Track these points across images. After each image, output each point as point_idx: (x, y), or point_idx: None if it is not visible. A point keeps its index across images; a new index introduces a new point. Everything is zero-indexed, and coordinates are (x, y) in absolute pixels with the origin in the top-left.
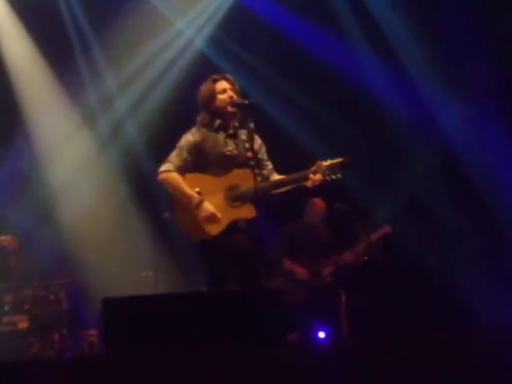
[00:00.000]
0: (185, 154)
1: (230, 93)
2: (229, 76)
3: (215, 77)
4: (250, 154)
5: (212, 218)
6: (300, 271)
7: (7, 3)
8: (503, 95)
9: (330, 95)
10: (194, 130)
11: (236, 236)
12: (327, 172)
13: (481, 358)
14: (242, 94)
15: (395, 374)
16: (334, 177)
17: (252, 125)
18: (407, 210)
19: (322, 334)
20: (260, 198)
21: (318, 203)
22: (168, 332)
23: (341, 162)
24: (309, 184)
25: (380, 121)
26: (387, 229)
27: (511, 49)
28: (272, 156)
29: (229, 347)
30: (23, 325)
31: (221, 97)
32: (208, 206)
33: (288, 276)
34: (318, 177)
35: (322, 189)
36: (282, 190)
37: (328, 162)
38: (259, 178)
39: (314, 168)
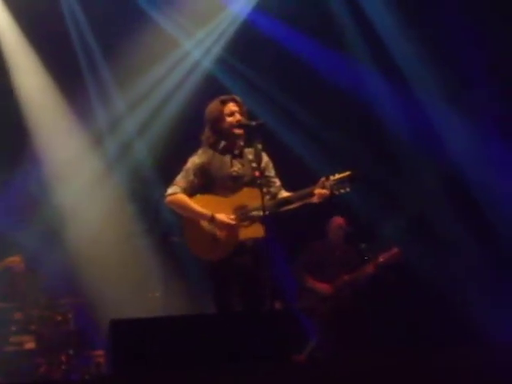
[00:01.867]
0: (191, 176)
1: (238, 116)
2: (237, 98)
3: (224, 98)
4: (257, 173)
5: (229, 227)
6: (323, 287)
7: (16, 25)
8: (508, 114)
9: (337, 115)
10: (200, 151)
11: (242, 258)
12: (335, 186)
13: (484, 371)
14: (250, 115)
15: None
16: (342, 191)
17: (260, 146)
18: (413, 229)
19: None
20: (268, 216)
21: (337, 221)
22: (175, 353)
23: (348, 176)
24: (315, 199)
25: (386, 139)
26: (395, 250)
27: None
28: (279, 175)
29: (234, 368)
30: (30, 345)
31: (228, 119)
32: (221, 217)
33: (311, 293)
34: (324, 191)
35: (329, 207)
36: (290, 207)
37: (336, 177)
38: (267, 196)
39: (318, 184)
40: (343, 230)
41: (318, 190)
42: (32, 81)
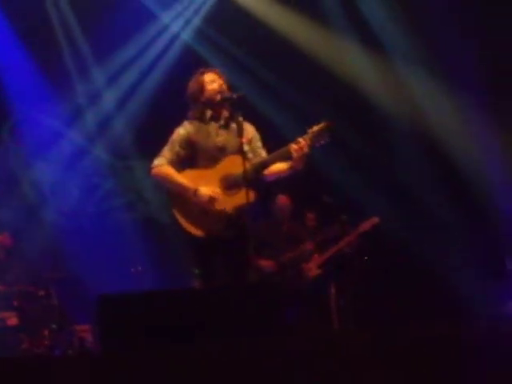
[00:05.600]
0: (177, 148)
1: (220, 81)
2: (216, 69)
3: (202, 70)
4: (241, 140)
5: (212, 200)
6: (265, 264)
7: None
8: (490, 86)
9: (319, 88)
10: (185, 123)
11: (228, 232)
12: (315, 139)
13: (474, 351)
14: (231, 87)
15: (385, 368)
16: (322, 142)
17: (241, 118)
18: (395, 201)
19: None
20: (252, 180)
21: (282, 199)
22: (163, 328)
23: (326, 126)
24: (295, 155)
25: (368, 113)
26: (375, 220)
27: (498, 40)
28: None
29: (223, 341)
30: (13, 321)
31: (210, 87)
32: (204, 191)
33: (255, 271)
34: (301, 146)
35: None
36: (275, 173)
37: (314, 128)
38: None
39: (294, 142)
40: (288, 208)
41: (293, 146)
42: (11, 57)
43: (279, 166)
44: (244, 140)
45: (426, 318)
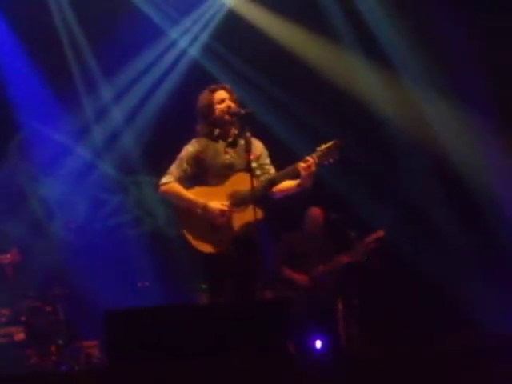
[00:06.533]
0: (184, 165)
1: (228, 102)
2: (227, 86)
3: (213, 87)
4: (248, 156)
5: (223, 214)
6: (300, 278)
7: (3, 16)
8: (498, 103)
9: (327, 104)
10: (193, 140)
11: (237, 252)
12: (323, 157)
13: (481, 363)
14: (240, 103)
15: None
16: (331, 160)
17: (249, 134)
18: (404, 217)
19: (318, 344)
20: (260, 197)
21: (315, 212)
22: (169, 343)
23: (334, 145)
24: (303, 173)
25: (376, 128)
26: (380, 233)
27: (503, 57)
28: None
29: (228, 357)
30: (20, 336)
31: (219, 107)
32: (213, 205)
33: (288, 284)
34: (308, 164)
35: (318, 198)
36: (283, 190)
37: (322, 147)
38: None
39: (302, 160)
40: (321, 221)
41: (301, 165)
42: (20, 73)
43: (287, 184)
44: (252, 157)
45: (434, 331)
